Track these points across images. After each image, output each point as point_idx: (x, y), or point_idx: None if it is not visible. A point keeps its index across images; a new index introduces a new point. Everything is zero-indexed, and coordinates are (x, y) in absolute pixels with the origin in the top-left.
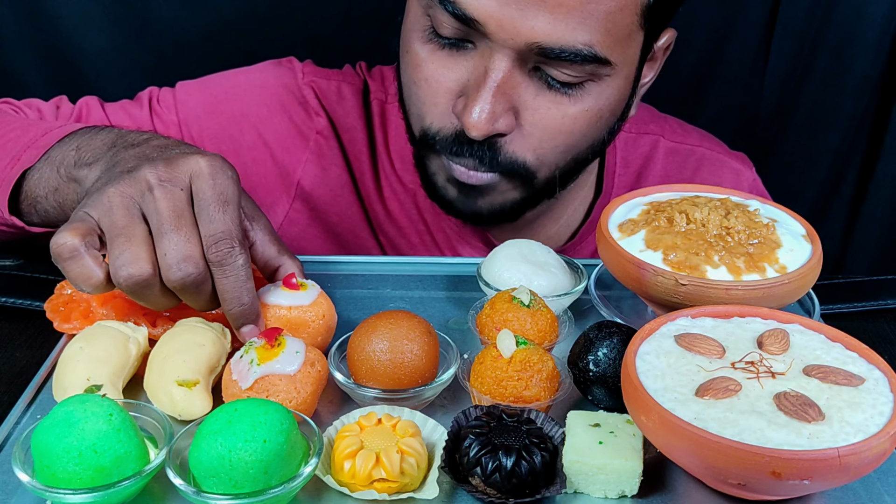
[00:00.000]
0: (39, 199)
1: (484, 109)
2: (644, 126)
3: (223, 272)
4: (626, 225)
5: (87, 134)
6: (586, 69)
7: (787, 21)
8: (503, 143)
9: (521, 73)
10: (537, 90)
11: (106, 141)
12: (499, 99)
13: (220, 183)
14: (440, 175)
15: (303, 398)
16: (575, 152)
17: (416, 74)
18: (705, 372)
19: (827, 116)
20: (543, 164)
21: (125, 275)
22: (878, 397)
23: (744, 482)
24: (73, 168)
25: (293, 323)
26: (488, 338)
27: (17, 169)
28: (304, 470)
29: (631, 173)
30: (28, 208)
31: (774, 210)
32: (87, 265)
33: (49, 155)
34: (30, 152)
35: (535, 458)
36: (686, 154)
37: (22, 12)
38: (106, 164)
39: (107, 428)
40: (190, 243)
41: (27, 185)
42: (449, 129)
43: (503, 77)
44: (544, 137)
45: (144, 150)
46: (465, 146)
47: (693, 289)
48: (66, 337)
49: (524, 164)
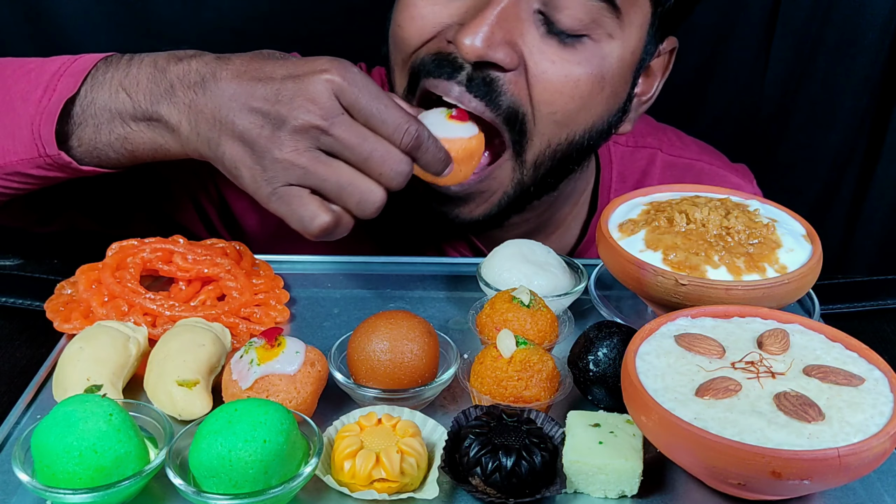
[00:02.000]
0: (100, 147)
1: (483, 30)
2: (641, 139)
3: (421, 152)
4: (626, 225)
5: (118, 68)
6: (593, 11)
7: (787, 21)
8: (502, 84)
9: (525, 10)
10: (540, 36)
11: (152, 73)
12: (500, 25)
13: (359, 83)
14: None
15: (303, 398)
16: (570, 127)
17: (406, 14)
18: (705, 372)
19: (827, 116)
20: (537, 131)
21: (371, 210)
22: (878, 397)
23: (744, 482)
24: (139, 113)
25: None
26: (488, 338)
27: (55, 99)
28: (304, 470)
29: (628, 188)
30: (82, 151)
31: (774, 210)
32: (344, 225)
33: (92, 92)
34: (66, 80)
35: (535, 458)
36: (684, 168)
37: (22, 12)
38: (190, 101)
39: (107, 428)
40: (387, 151)
41: (76, 127)
42: (437, 48)
43: (508, 3)
44: (545, 91)
45: (239, 67)
46: (453, 67)
47: (693, 289)
48: (66, 337)
49: (520, 110)
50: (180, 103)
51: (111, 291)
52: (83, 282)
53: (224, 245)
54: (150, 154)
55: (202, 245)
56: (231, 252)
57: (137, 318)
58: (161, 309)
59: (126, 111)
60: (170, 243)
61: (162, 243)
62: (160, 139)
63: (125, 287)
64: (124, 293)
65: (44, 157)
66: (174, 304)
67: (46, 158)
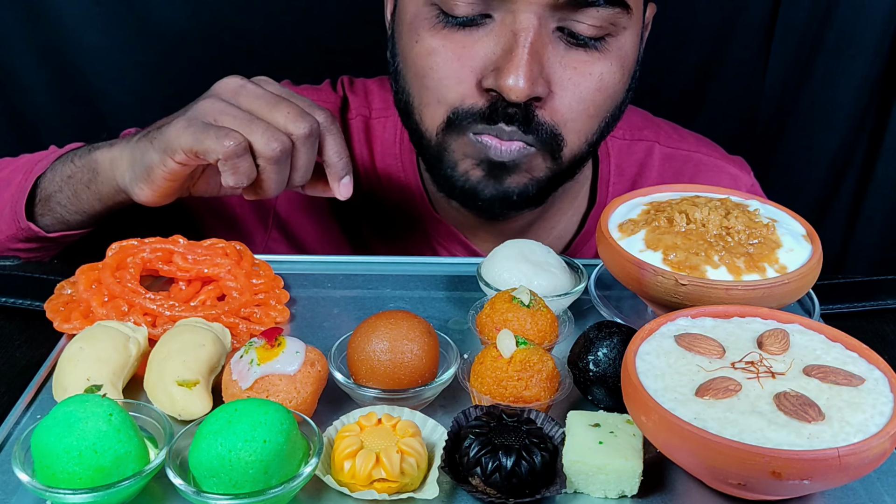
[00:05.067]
0: (53, 195)
1: (522, 71)
2: (638, 132)
3: (330, 130)
4: (626, 225)
5: (86, 147)
6: (609, 16)
7: (787, 21)
8: (536, 109)
9: (547, 34)
10: (565, 50)
11: (116, 139)
12: (534, 59)
13: (271, 84)
14: (465, 161)
15: (303, 398)
16: (602, 117)
17: (431, 61)
18: (705, 372)
19: (827, 116)
20: (572, 132)
21: (273, 148)
22: (878, 397)
23: (744, 482)
24: (87, 153)
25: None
26: (488, 338)
27: (30, 178)
28: (304, 470)
29: (626, 181)
30: (42, 210)
31: (774, 210)
32: (250, 160)
33: (61, 158)
34: (42, 164)
35: (535, 458)
36: (683, 160)
37: (22, 12)
38: (127, 142)
39: (107, 428)
40: (298, 106)
41: (40, 189)
42: (482, 103)
43: (534, 36)
44: (574, 100)
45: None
46: (501, 114)
47: (693, 289)
48: (66, 337)
49: (556, 131)
50: (118, 146)
51: (111, 291)
52: (83, 282)
53: (224, 245)
54: (95, 196)
55: (202, 245)
56: (231, 252)
57: (137, 318)
58: (161, 309)
59: (81, 151)
60: (170, 243)
61: (162, 243)
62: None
63: (125, 287)
64: (124, 293)
65: (20, 230)
66: (174, 304)
67: (21, 232)
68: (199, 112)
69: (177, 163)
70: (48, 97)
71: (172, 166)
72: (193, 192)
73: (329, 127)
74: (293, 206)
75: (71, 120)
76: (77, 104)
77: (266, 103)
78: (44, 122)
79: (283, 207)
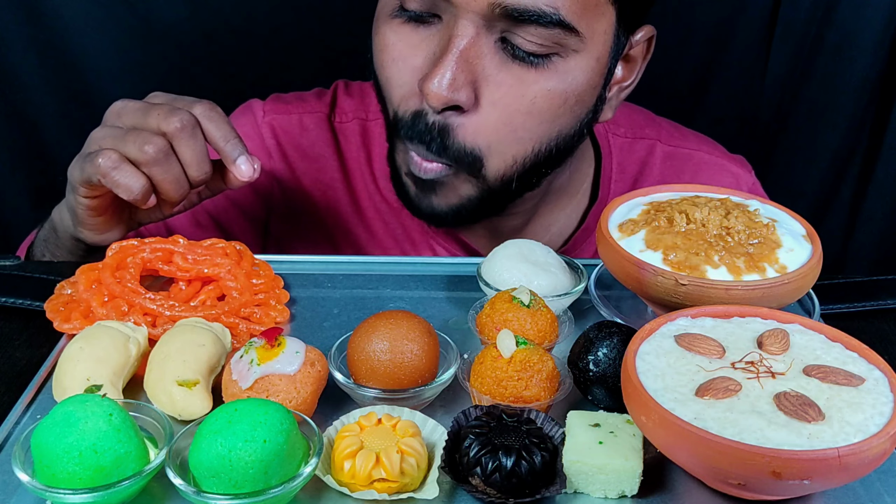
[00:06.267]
0: (42, 258)
1: (444, 76)
2: (640, 130)
3: (210, 118)
4: (626, 225)
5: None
6: (553, 36)
7: (787, 22)
8: (456, 128)
9: (486, 43)
10: (502, 62)
11: None
12: (461, 67)
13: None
14: (402, 169)
15: (303, 398)
16: (534, 141)
17: (385, 56)
18: (705, 372)
19: (827, 116)
20: (496, 154)
21: (146, 150)
22: (878, 397)
23: (744, 482)
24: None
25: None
26: (488, 338)
27: (23, 250)
28: (304, 470)
29: (627, 179)
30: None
31: (774, 210)
32: (130, 169)
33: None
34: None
35: (535, 458)
36: (684, 158)
37: (22, 12)
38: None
39: (107, 428)
40: (171, 105)
41: (33, 256)
42: (412, 107)
43: (467, 43)
44: (500, 120)
45: None
46: (422, 125)
47: (693, 289)
48: (66, 337)
49: (473, 151)
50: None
51: (111, 291)
52: (83, 282)
53: (224, 245)
54: (65, 250)
55: (202, 245)
56: (231, 252)
57: (137, 318)
58: (161, 309)
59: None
60: (170, 243)
61: (162, 243)
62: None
63: (125, 287)
64: (124, 293)
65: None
66: (174, 304)
67: None
68: (87, 144)
69: (84, 197)
70: (48, 97)
71: (83, 202)
72: (141, 221)
73: (208, 114)
74: (283, 219)
75: (71, 120)
76: (77, 104)
77: (142, 113)
78: (44, 122)
79: (275, 226)
